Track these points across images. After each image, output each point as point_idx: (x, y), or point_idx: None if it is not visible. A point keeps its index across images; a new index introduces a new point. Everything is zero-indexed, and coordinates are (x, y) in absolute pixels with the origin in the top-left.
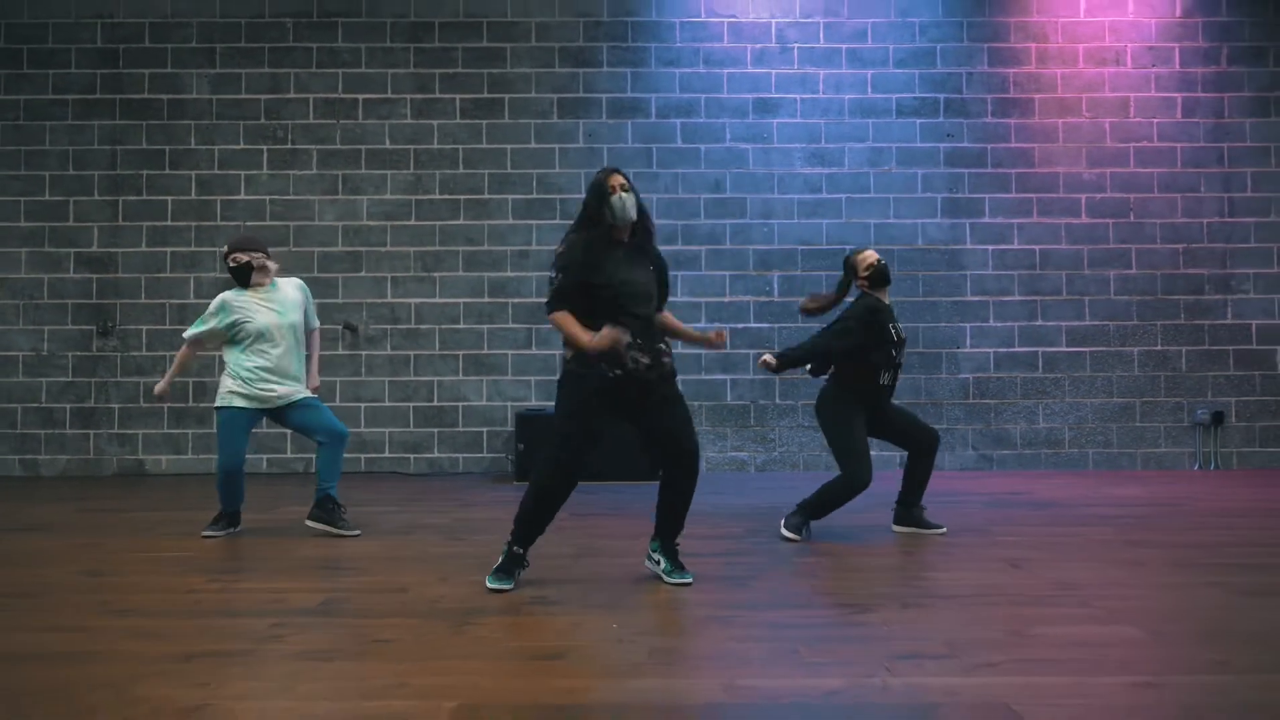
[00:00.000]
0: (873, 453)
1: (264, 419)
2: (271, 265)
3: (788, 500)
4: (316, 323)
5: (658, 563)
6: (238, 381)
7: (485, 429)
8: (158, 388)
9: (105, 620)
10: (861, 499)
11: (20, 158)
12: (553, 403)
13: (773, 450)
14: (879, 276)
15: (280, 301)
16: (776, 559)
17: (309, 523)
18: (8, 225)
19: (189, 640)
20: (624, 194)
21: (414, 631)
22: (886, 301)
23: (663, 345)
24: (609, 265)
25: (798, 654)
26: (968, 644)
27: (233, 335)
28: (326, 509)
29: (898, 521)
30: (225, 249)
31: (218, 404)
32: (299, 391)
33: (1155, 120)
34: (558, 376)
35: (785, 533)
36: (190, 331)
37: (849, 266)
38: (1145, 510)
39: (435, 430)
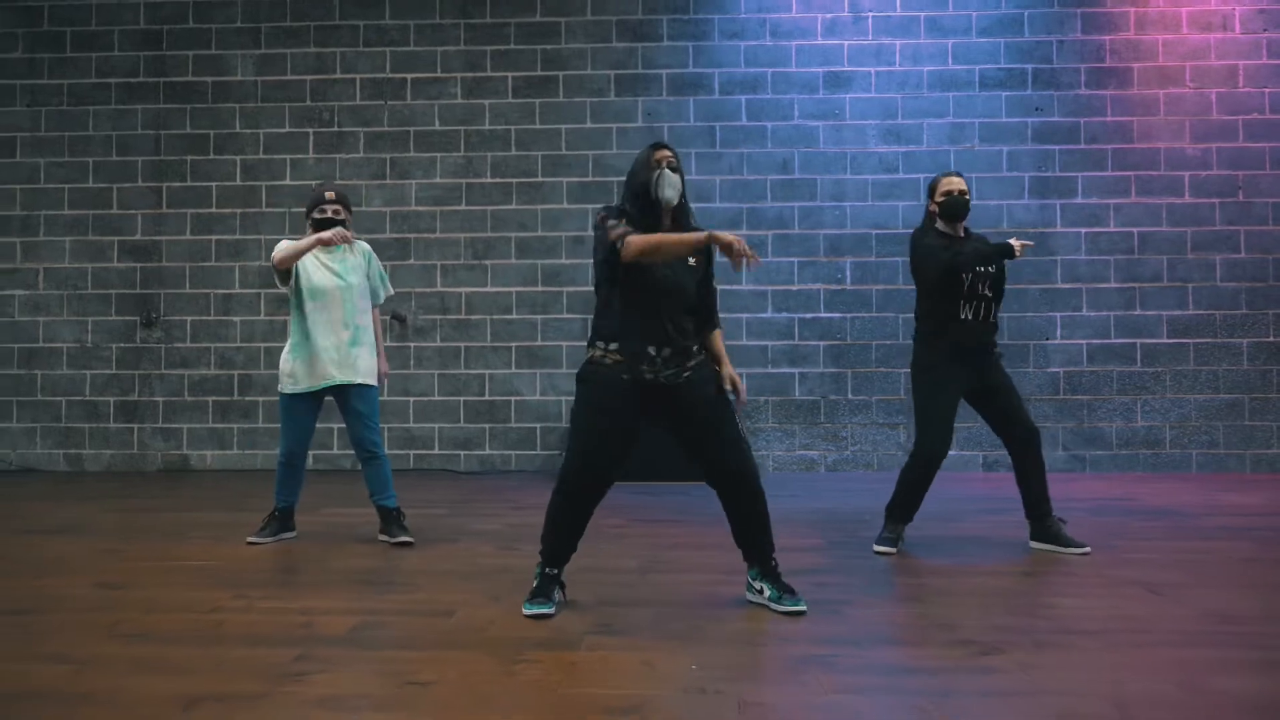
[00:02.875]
0: (953, 451)
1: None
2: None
3: (865, 504)
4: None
5: (760, 591)
6: (288, 360)
7: (539, 425)
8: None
9: (111, 647)
10: (955, 504)
11: (64, 144)
12: None
13: (844, 449)
14: (949, 209)
15: (350, 265)
16: (869, 578)
17: (380, 537)
18: (52, 213)
19: (199, 678)
20: (669, 172)
21: (458, 670)
22: (960, 234)
23: (689, 346)
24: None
25: (926, 713)
26: (1138, 703)
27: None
28: (384, 519)
29: (1033, 537)
30: (327, 194)
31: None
32: (358, 379)
33: (1267, 90)
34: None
35: (878, 548)
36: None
37: (929, 188)
38: (1272, 521)
39: (487, 426)
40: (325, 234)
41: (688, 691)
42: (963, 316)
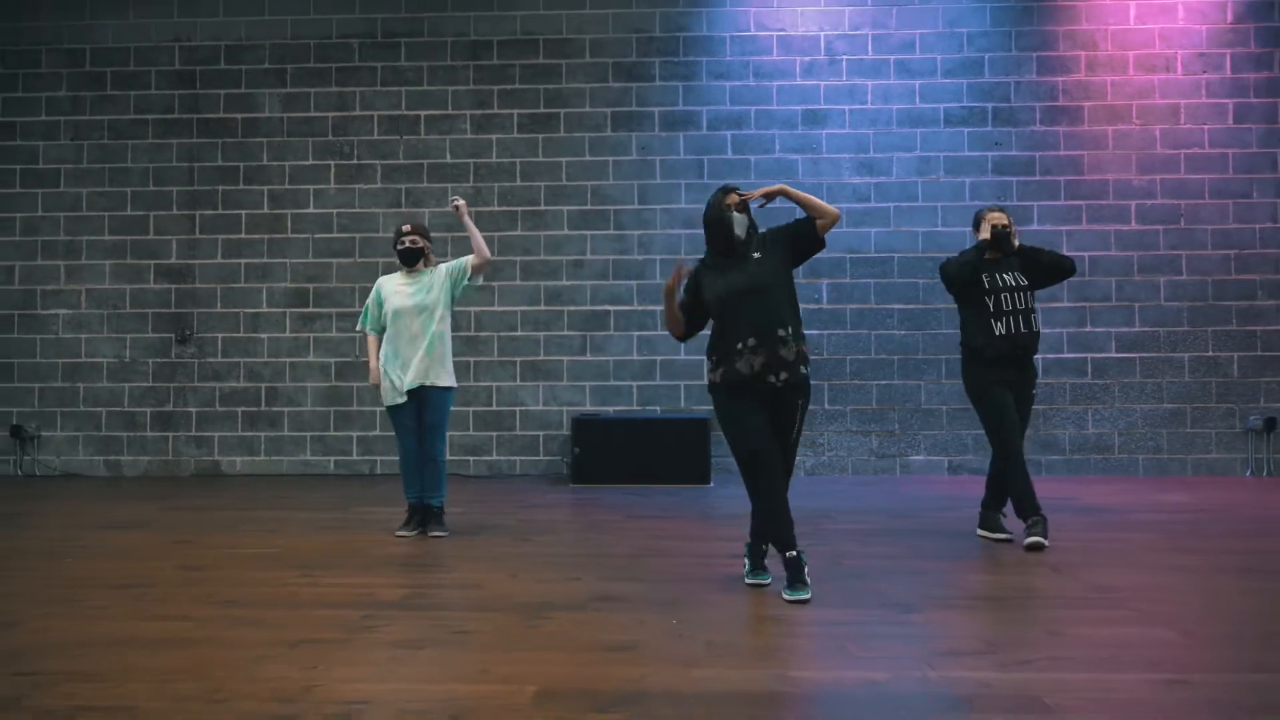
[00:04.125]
0: (921, 457)
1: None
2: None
3: (837, 505)
4: (467, 263)
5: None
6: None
7: (542, 433)
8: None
9: (214, 610)
10: (916, 502)
11: (105, 175)
12: (606, 407)
13: (822, 454)
14: (995, 239)
15: (424, 285)
16: (827, 560)
17: (399, 532)
18: (93, 239)
19: (292, 629)
20: (736, 214)
21: (492, 624)
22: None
23: (782, 335)
24: (705, 283)
25: (845, 649)
26: (1006, 642)
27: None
28: (426, 514)
29: (983, 526)
30: (404, 226)
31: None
32: (429, 381)
33: (1206, 126)
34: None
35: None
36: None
37: (974, 220)
38: (1192, 516)
39: (494, 434)
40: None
41: (669, 636)
42: (997, 332)
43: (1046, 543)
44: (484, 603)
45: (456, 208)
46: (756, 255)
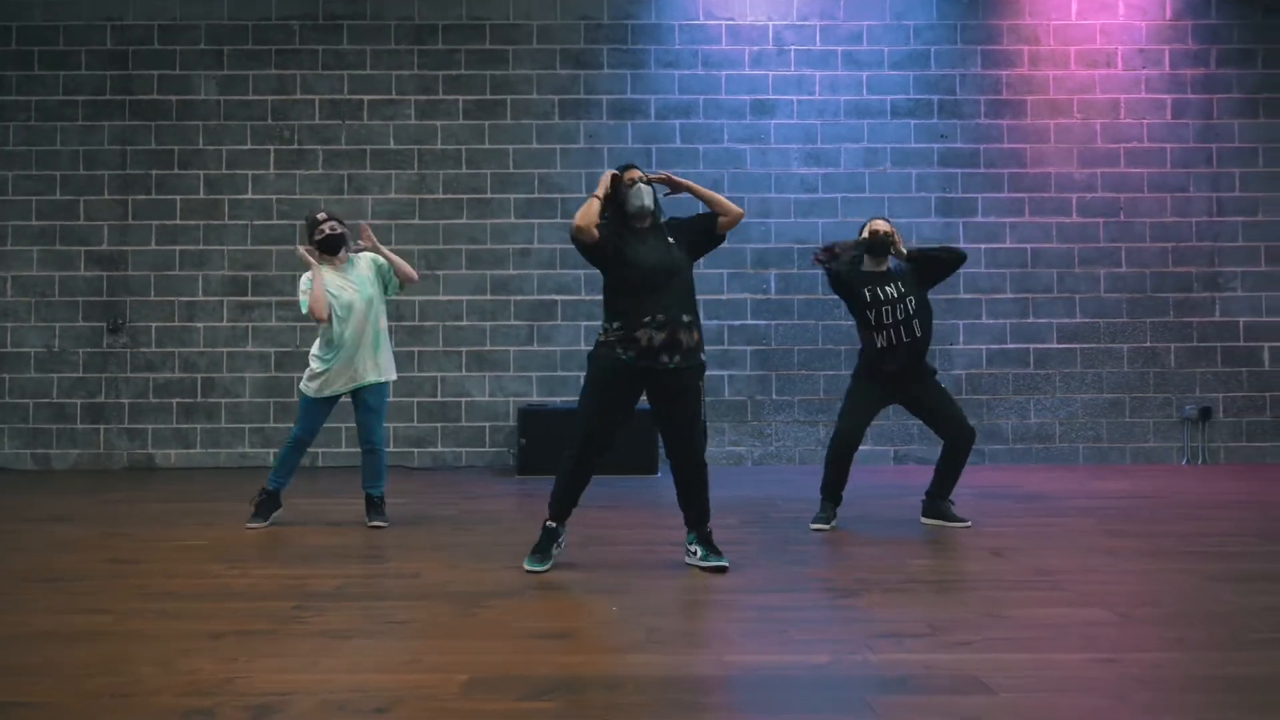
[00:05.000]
0: (866, 446)
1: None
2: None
3: (783, 493)
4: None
5: (694, 553)
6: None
7: (488, 424)
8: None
9: (141, 603)
10: (861, 491)
11: (32, 158)
12: (553, 397)
13: (769, 444)
14: (869, 247)
15: (360, 278)
16: (770, 547)
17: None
18: (20, 224)
19: (218, 621)
20: (641, 185)
21: (426, 613)
22: (881, 269)
23: (686, 321)
24: (629, 249)
25: (786, 634)
26: (945, 624)
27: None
28: (368, 505)
29: (924, 514)
30: (319, 215)
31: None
32: (372, 379)
33: (1145, 121)
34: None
35: (813, 527)
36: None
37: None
38: (1128, 503)
39: (439, 425)
40: (303, 251)
41: (608, 622)
42: (879, 345)
43: (827, 528)
44: (420, 592)
45: (362, 235)
46: (671, 240)
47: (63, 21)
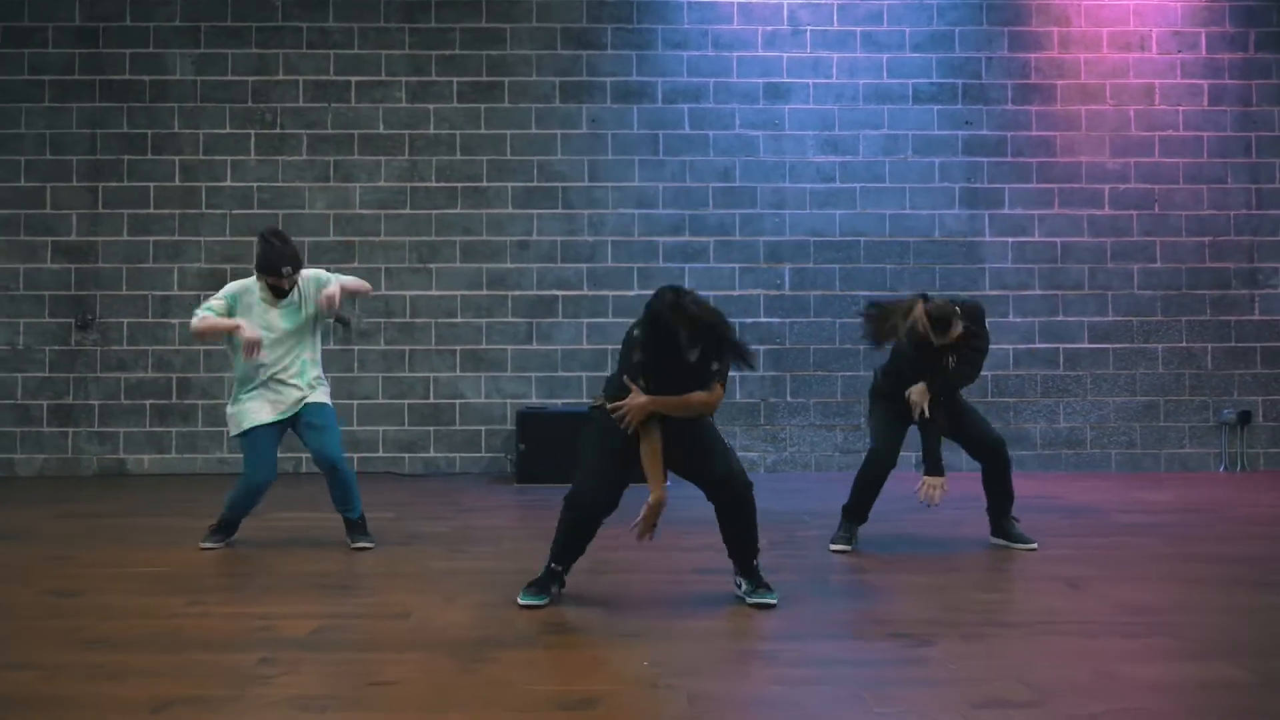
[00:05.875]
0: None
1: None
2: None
3: (805, 505)
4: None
5: (739, 585)
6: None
7: (484, 427)
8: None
9: (72, 655)
10: (893, 504)
11: None
12: (553, 400)
13: (784, 450)
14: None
15: (292, 304)
16: (808, 576)
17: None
18: None
19: (165, 681)
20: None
21: (420, 669)
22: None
23: None
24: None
25: (863, 701)
26: (1053, 688)
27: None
28: (347, 527)
29: (993, 533)
30: (284, 269)
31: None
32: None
33: (1181, 108)
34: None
35: (833, 547)
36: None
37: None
38: (1181, 517)
39: (431, 429)
40: (247, 336)
41: (641, 685)
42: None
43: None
44: (410, 638)
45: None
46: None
47: None
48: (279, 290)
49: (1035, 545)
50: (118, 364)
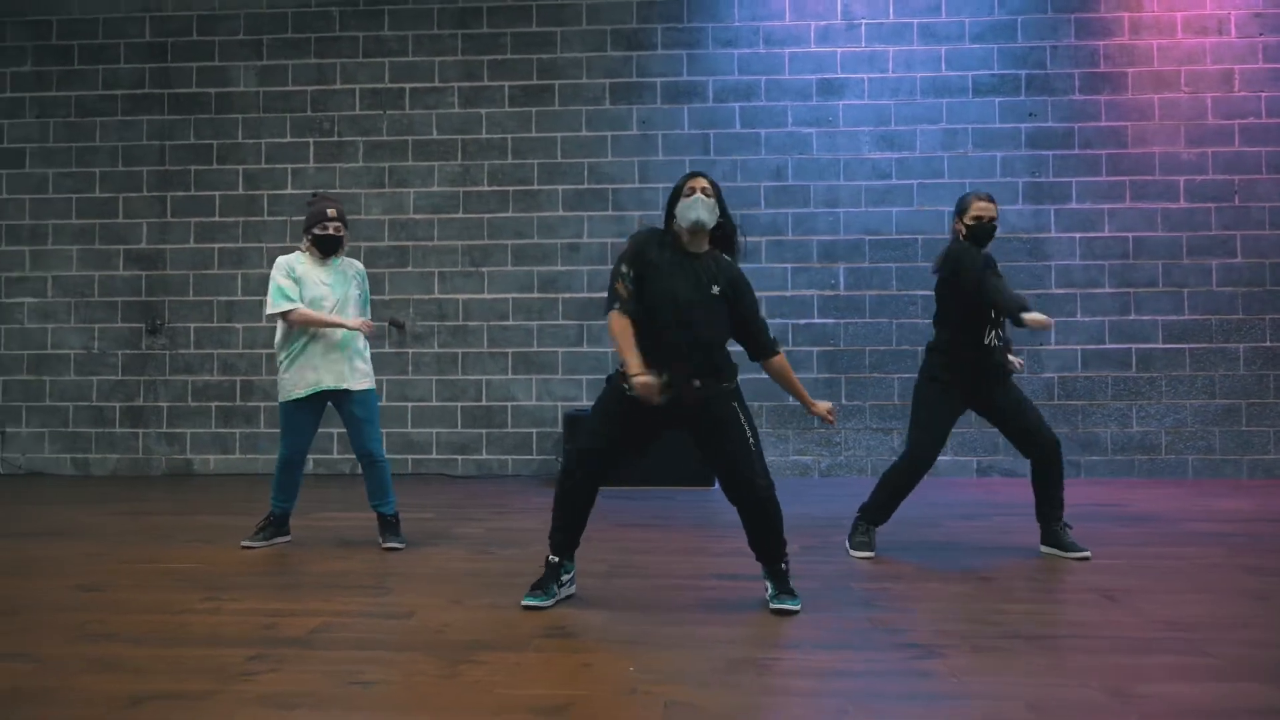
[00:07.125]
0: (947, 457)
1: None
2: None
3: (850, 510)
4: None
5: (766, 588)
6: (287, 368)
7: (534, 430)
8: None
9: (71, 648)
10: (940, 509)
11: (71, 155)
12: None
13: (838, 454)
14: (977, 233)
15: (341, 276)
16: (833, 582)
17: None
18: (60, 223)
19: (151, 677)
20: (702, 196)
21: (403, 670)
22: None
23: (701, 381)
24: (660, 273)
25: (847, 715)
26: (1056, 707)
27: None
28: (380, 524)
29: (1043, 541)
30: (329, 210)
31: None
32: (344, 385)
33: (1263, 94)
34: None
35: (857, 554)
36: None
37: (958, 206)
38: (1257, 528)
39: (484, 431)
40: (352, 323)
41: (618, 692)
42: (986, 342)
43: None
44: (405, 639)
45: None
46: (715, 290)
47: (101, 14)
48: (325, 245)
49: (1089, 554)
50: (185, 367)
